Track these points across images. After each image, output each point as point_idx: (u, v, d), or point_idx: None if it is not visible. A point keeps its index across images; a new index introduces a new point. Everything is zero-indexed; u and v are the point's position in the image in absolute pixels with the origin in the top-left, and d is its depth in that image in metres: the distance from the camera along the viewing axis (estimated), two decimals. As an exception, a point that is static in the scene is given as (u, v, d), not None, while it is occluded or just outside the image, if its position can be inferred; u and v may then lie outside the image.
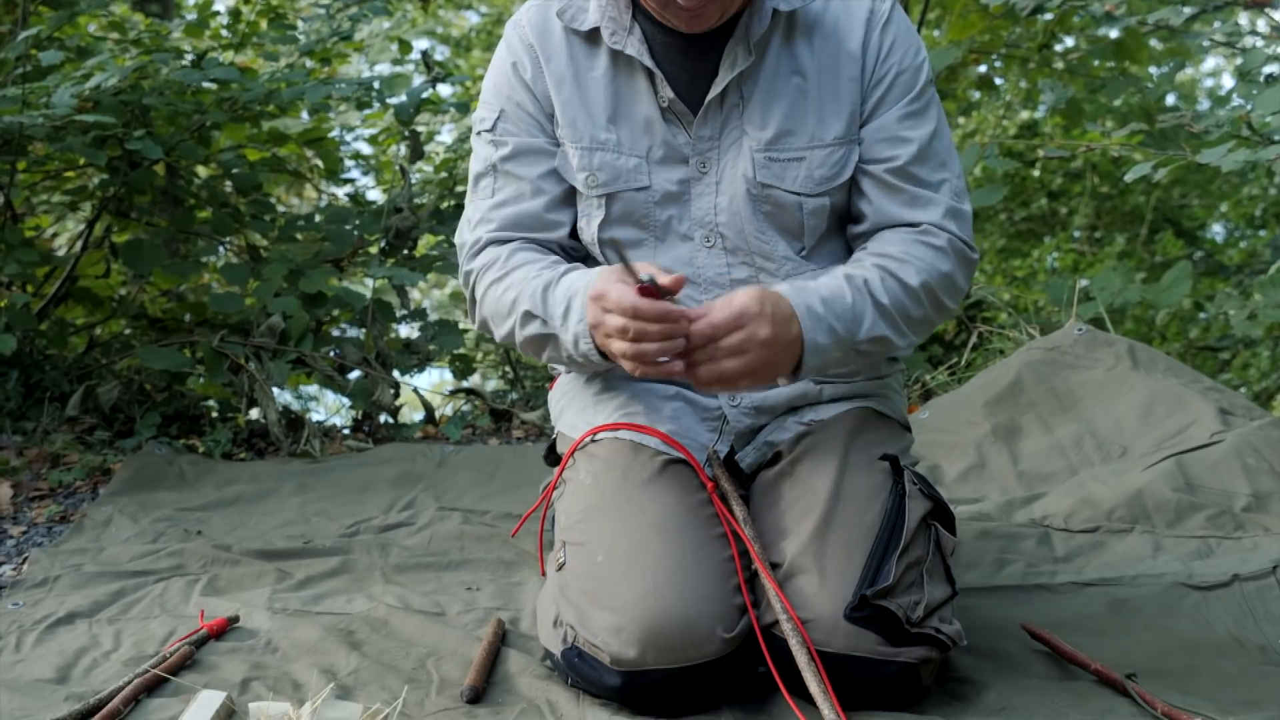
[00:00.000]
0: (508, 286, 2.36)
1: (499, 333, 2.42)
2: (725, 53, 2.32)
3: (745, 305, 2.11)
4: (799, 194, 2.36)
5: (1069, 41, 7.04)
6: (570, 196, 2.44)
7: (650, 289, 2.06)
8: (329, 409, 5.29)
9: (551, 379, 2.71)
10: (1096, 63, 6.16)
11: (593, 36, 2.39)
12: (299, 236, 4.93)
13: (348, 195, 5.65)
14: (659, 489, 2.28)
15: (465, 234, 2.48)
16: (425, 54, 5.34)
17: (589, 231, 2.42)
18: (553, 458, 2.64)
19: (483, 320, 2.45)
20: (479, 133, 2.47)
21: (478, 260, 2.43)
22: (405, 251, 4.82)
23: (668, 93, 2.34)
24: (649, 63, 2.33)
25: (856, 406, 2.43)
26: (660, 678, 2.13)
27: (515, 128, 2.43)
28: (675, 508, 2.26)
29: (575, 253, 2.47)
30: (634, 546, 2.20)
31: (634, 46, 2.34)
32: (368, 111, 5.46)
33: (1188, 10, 4.78)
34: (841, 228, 2.45)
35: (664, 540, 2.19)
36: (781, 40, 2.36)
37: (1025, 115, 8.68)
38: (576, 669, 2.22)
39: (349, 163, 5.81)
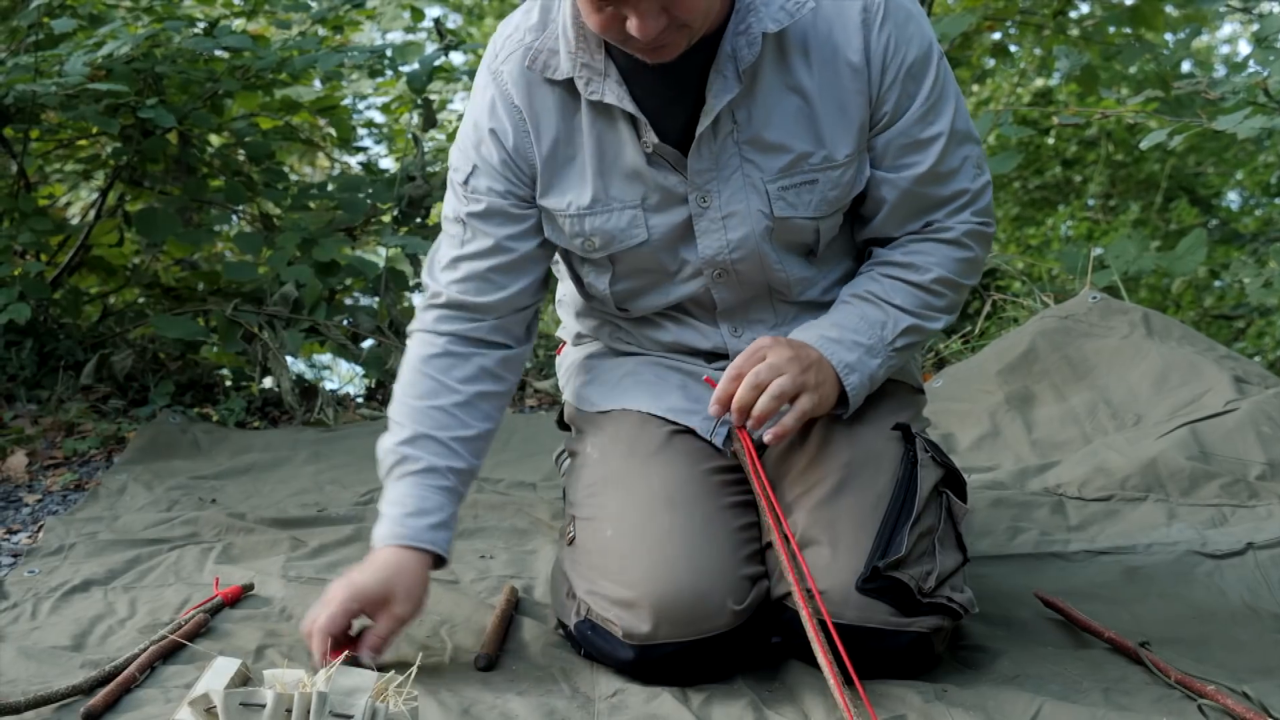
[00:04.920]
0: (405, 387, 2.34)
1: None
2: (710, 81, 2.16)
3: (758, 341, 2.19)
4: (815, 218, 2.28)
5: (1084, 8, 7.00)
6: (538, 254, 2.35)
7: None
8: (342, 378, 5.30)
9: (559, 344, 2.70)
10: (1112, 29, 6.13)
11: (571, 84, 2.22)
12: (312, 205, 4.94)
13: (360, 164, 5.64)
14: (666, 460, 2.27)
15: (434, 267, 2.39)
16: (438, 21, 5.33)
17: (600, 288, 2.37)
18: (564, 423, 2.64)
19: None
20: (452, 180, 2.37)
21: (427, 317, 2.38)
22: (418, 220, 4.82)
23: (651, 138, 2.19)
24: (630, 108, 2.18)
25: (851, 407, 2.30)
26: (673, 650, 2.13)
27: (485, 185, 2.30)
28: (684, 479, 2.25)
29: (515, 327, 2.38)
30: (643, 520, 2.20)
31: (612, 92, 2.17)
32: (380, 79, 5.46)
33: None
34: (847, 225, 2.38)
35: (673, 513, 2.19)
36: (775, 60, 2.18)
37: (1040, 82, 8.63)
38: (590, 642, 2.22)
39: (361, 131, 5.81)
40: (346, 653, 2.09)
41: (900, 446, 2.27)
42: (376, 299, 4.74)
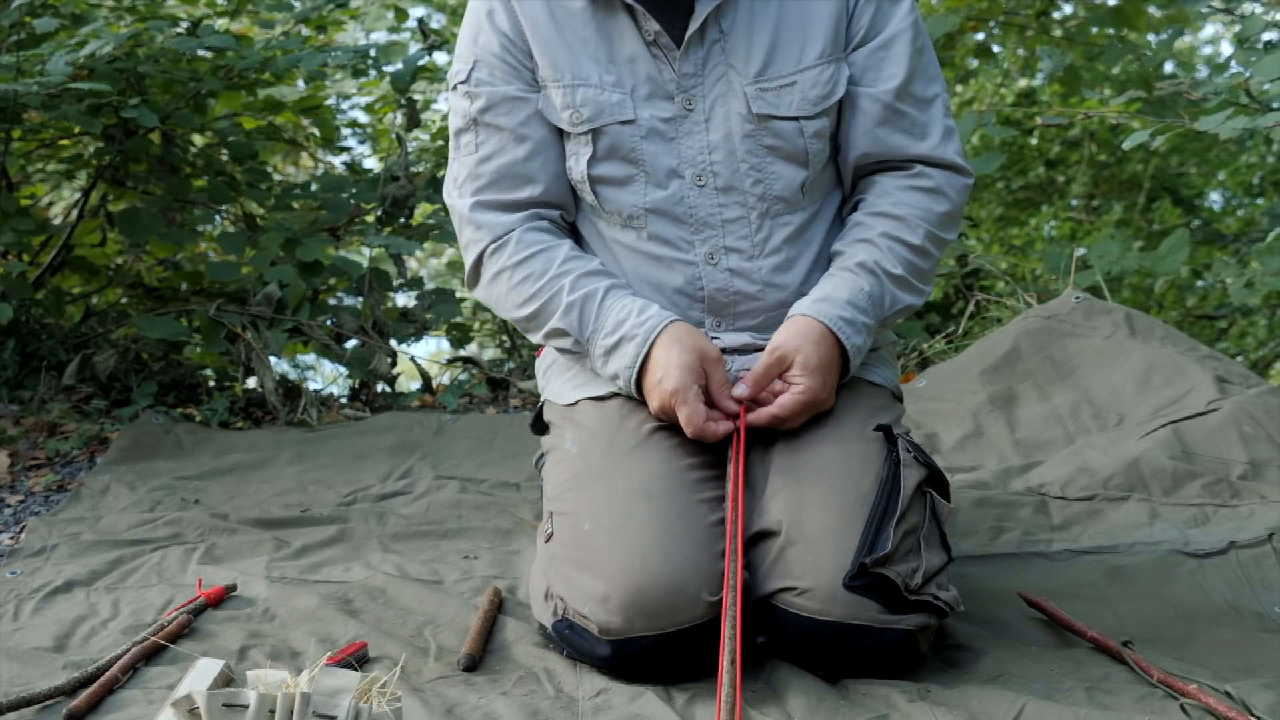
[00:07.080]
0: (525, 277, 2.35)
1: (504, 314, 2.42)
2: None
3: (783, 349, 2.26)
4: (798, 118, 2.33)
5: (1067, 8, 7.02)
6: (554, 140, 2.38)
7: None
8: (326, 378, 5.29)
9: (539, 347, 2.68)
10: (1095, 30, 6.15)
11: None
12: (295, 205, 4.92)
13: (344, 164, 5.63)
14: (645, 454, 2.27)
15: (453, 196, 2.43)
16: (421, 21, 5.33)
17: (578, 170, 2.37)
18: (539, 426, 2.63)
19: (485, 296, 2.44)
20: (454, 86, 2.41)
21: (480, 231, 2.38)
22: (402, 220, 4.81)
23: (652, 26, 2.29)
24: None
25: (850, 377, 2.38)
26: (649, 644, 2.13)
27: (490, 77, 2.37)
28: (661, 472, 2.25)
29: (563, 215, 2.43)
30: (619, 513, 2.20)
31: None
32: (364, 79, 5.45)
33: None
34: (834, 154, 2.43)
35: (650, 505, 2.19)
36: None
37: (1023, 83, 8.64)
38: (568, 640, 2.22)
39: (345, 131, 5.80)
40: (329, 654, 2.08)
41: (883, 447, 2.27)
42: (360, 299, 4.73)
